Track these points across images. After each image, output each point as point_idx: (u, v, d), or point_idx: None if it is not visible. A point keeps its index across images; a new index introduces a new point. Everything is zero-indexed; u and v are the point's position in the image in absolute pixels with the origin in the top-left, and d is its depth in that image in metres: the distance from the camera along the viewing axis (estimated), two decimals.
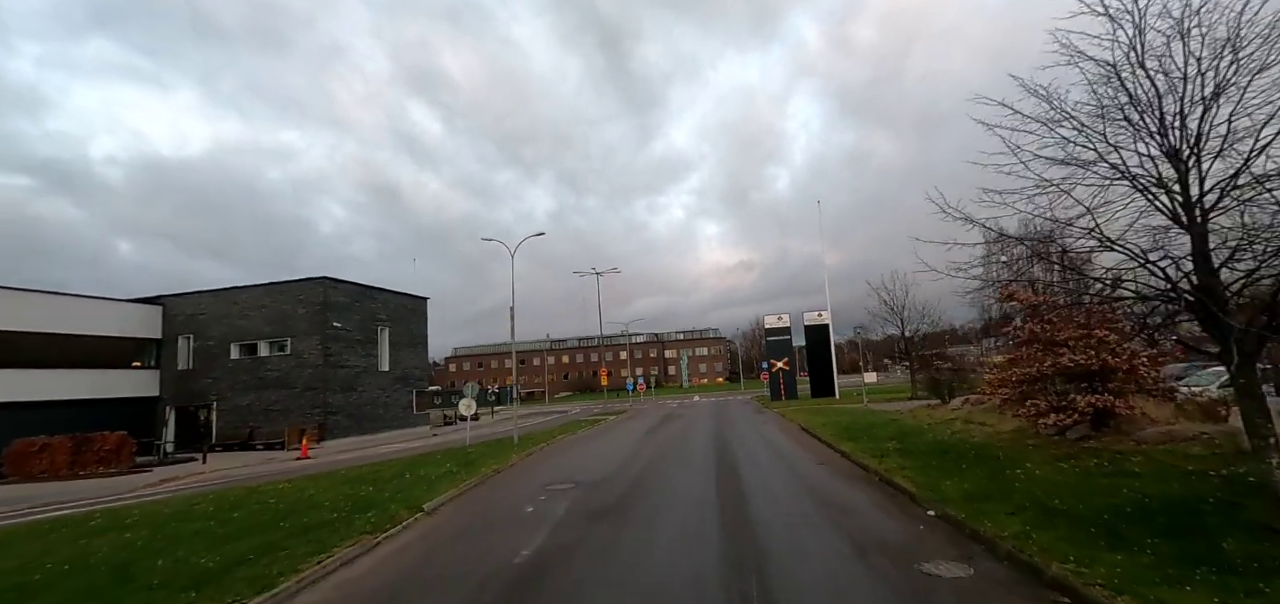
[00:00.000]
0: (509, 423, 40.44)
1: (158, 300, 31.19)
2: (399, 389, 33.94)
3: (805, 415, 25.29)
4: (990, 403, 17.58)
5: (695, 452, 16.33)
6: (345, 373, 29.77)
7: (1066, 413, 10.62)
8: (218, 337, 30.07)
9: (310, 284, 29.30)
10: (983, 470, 9.82)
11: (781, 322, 42.69)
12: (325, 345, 28.60)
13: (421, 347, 37.06)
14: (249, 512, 10.72)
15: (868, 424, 18.88)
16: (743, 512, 8.84)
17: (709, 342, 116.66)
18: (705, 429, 23.06)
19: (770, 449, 16.06)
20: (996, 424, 14.65)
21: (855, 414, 23.61)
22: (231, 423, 29.01)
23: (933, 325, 31.38)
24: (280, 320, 29.26)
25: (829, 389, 39.58)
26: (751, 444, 17.36)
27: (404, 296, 35.81)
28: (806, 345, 42.10)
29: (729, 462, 13.98)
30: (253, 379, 29.16)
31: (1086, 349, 10.51)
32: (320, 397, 28.03)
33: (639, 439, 20.76)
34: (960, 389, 20.42)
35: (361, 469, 16.15)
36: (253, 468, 21.35)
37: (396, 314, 34.53)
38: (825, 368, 40.55)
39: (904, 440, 14.34)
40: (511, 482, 13.19)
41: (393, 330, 33.95)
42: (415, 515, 9.69)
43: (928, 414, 19.44)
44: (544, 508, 9.93)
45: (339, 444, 27.60)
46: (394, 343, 33.97)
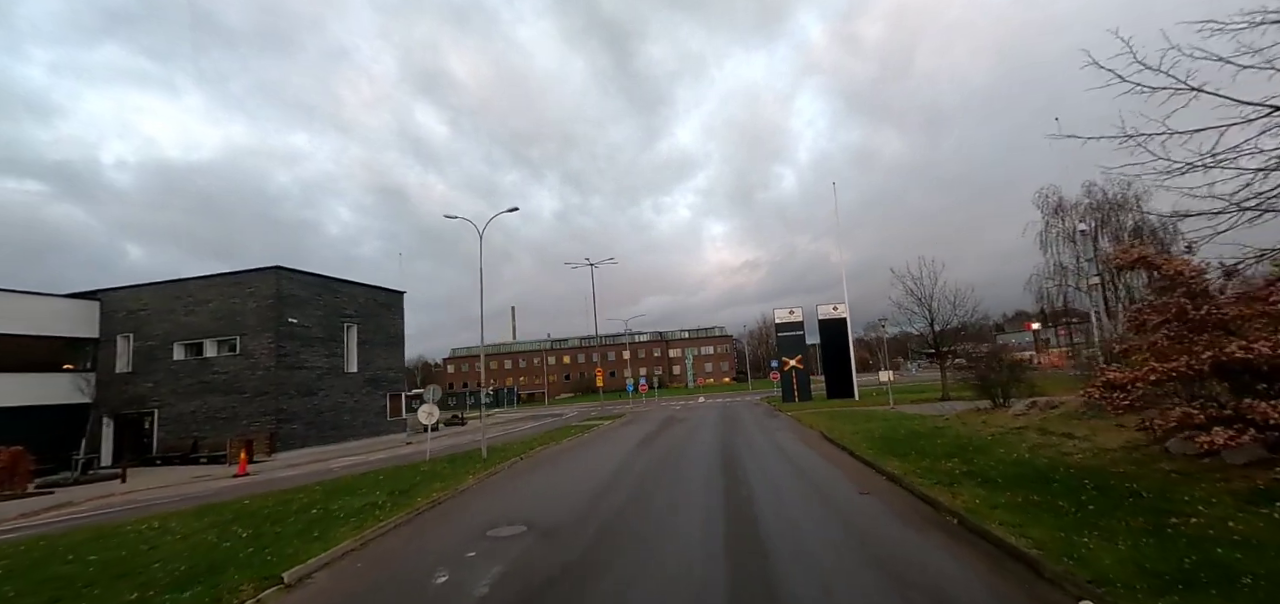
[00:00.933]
0: (500, 427, 37.17)
1: (95, 295, 28.09)
2: (370, 393, 30.74)
3: (826, 420, 21.93)
4: (1066, 406, 14.19)
5: (696, 473, 13.01)
6: (304, 375, 26.59)
7: (1238, 427, 7.20)
8: (160, 335, 26.95)
9: (261, 274, 26.11)
10: (1134, 516, 6.46)
11: (793, 316, 39.28)
12: (279, 344, 25.42)
13: (397, 346, 33.83)
14: (39, 579, 7.50)
15: (908, 433, 15.51)
16: (767, 590, 5.54)
17: (715, 340, 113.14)
18: (709, 439, 19.74)
19: (792, 469, 12.72)
20: (1093, 436, 11.25)
21: (886, 419, 20.22)
22: (175, 432, 25.88)
23: (967, 316, 27.99)
24: (229, 316, 26.11)
25: (847, 389, 36.16)
26: (766, 460, 14.01)
27: (376, 290, 32.60)
28: (821, 341, 38.69)
29: (739, 490, 10.66)
30: (197, 383, 26.01)
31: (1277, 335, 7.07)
32: (272, 402, 24.84)
33: (629, 452, 17.46)
34: (1017, 390, 17.04)
35: (270, 497, 12.91)
36: (174, 488, 18.18)
37: (367, 310, 31.33)
38: (842, 366, 37.11)
39: (969, 458, 10.99)
40: (445, 522, 9.90)
41: (362, 327, 30.75)
42: (263, 593, 6.41)
43: (981, 420, 16.04)
44: (466, 575, 6.66)
45: (293, 456, 24.43)
46: (364, 341, 30.77)
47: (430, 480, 13.68)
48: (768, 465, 13.25)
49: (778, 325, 39.40)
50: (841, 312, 37.91)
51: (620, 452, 17.78)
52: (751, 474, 12.21)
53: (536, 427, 34.02)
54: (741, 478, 11.81)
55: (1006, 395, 17.22)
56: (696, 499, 10.12)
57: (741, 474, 12.26)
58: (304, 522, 9.79)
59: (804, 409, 29.96)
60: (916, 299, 29.12)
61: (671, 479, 12.37)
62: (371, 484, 13.76)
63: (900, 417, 21.05)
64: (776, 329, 39.60)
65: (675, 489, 11.22)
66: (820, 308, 38.39)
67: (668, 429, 24.77)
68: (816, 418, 23.78)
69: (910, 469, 10.69)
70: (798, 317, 39.20)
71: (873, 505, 8.86)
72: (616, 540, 7.88)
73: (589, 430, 26.45)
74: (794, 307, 39.54)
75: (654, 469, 13.88)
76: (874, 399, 33.23)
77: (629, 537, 8.03)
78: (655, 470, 13.67)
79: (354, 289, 31.05)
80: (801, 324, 38.99)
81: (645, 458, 16.02)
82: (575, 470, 14.86)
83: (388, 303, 33.37)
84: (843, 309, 37.91)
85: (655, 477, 12.81)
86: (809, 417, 24.85)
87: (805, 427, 21.57)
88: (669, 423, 28.30)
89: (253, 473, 20.69)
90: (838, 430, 17.96)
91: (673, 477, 12.65)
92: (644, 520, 8.92)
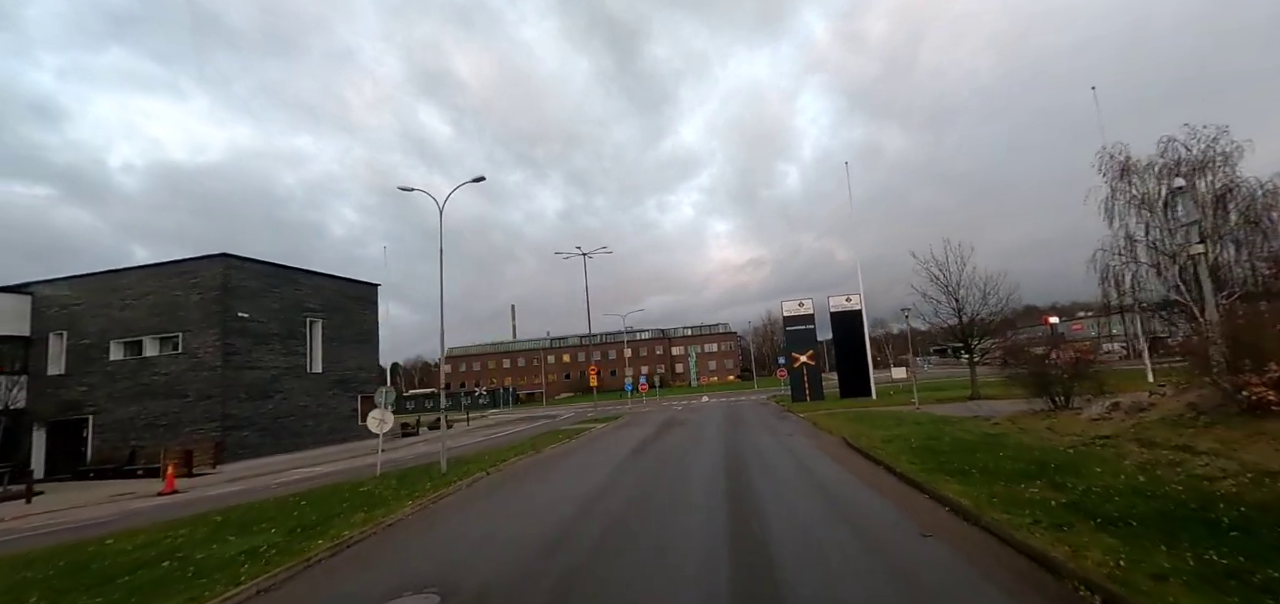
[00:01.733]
0: (487, 431, 34.22)
1: (25, 288, 25.48)
2: (337, 395, 28.10)
3: (846, 423, 19.12)
4: (1162, 408, 11.32)
5: (694, 496, 10.26)
6: (256, 376, 23.94)
7: None
8: (96, 332, 24.34)
9: (206, 263, 23.46)
10: None
11: (803, 308, 36.39)
12: (227, 341, 22.77)
13: (370, 343, 31.19)
14: None
15: (954, 442, 12.70)
16: None
17: (719, 337, 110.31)
18: (712, 447, 16.98)
19: (818, 491, 9.93)
20: (1230, 452, 8.40)
21: (917, 422, 17.40)
22: (112, 441, 23.27)
23: (1000, 305, 25.04)
24: (170, 310, 23.47)
25: (862, 387, 33.29)
26: (783, 478, 11.23)
27: (346, 283, 29.96)
28: (833, 336, 35.79)
29: (751, 526, 7.89)
30: (136, 385, 23.40)
31: None
32: (218, 407, 22.20)
33: (617, 466, 14.72)
34: (1083, 387, 14.20)
35: (141, 534, 10.19)
36: (70, 514, 15.49)
37: (333, 303, 28.66)
38: (857, 362, 34.23)
39: (1059, 482, 8.22)
40: (330, 583, 7.14)
41: (329, 323, 28.10)
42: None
43: (1044, 426, 13.19)
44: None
45: (241, 468, 21.77)
46: (330, 338, 28.12)
47: (358, 508, 10.93)
48: (786, 486, 10.46)
49: (786, 319, 36.53)
50: (855, 303, 35.05)
51: (606, 465, 15.03)
52: (766, 499, 9.43)
53: (524, 431, 31.33)
54: (754, 505, 9.03)
55: (1067, 394, 14.38)
56: (694, 541, 7.34)
57: (753, 499, 9.48)
58: (136, 584, 7.06)
59: (817, 409, 27.18)
60: (941, 286, 26.23)
61: (662, 508, 9.59)
62: (282, 513, 11.06)
63: (933, 419, 18.23)
64: (785, 323, 36.74)
65: (665, 525, 8.44)
66: (832, 299, 35.54)
67: (666, 434, 22.00)
68: (833, 420, 20.99)
69: (980, 496, 7.91)
70: (808, 309, 36.33)
71: (946, 559, 6.06)
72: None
73: (578, 436, 23.71)
74: (803, 299, 36.69)
75: (642, 491, 11.11)
76: (893, 398, 30.40)
77: None
78: (644, 493, 10.89)
79: (319, 281, 28.40)
80: (812, 317, 36.12)
81: (635, 474, 13.25)
82: (544, 492, 12.11)
83: (359, 296, 30.75)
84: (857, 300, 35.05)
85: (642, 503, 10.04)
86: (824, 418, 22.06)
87: (822, 431, 18.78)
88: (668, 426, 25.55)
89: (183, 490, 18.01)
90: (864, 436, 15.16)
91: (664, 505, 9.87)
92: (617, 581, 6.14)
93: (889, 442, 13.80)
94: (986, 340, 25.61)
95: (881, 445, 13.46)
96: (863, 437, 15.26)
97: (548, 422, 39.50)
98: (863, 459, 12.78)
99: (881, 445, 13.46)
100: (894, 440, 13.94)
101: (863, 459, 12.78)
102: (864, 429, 17.02)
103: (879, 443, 13.82)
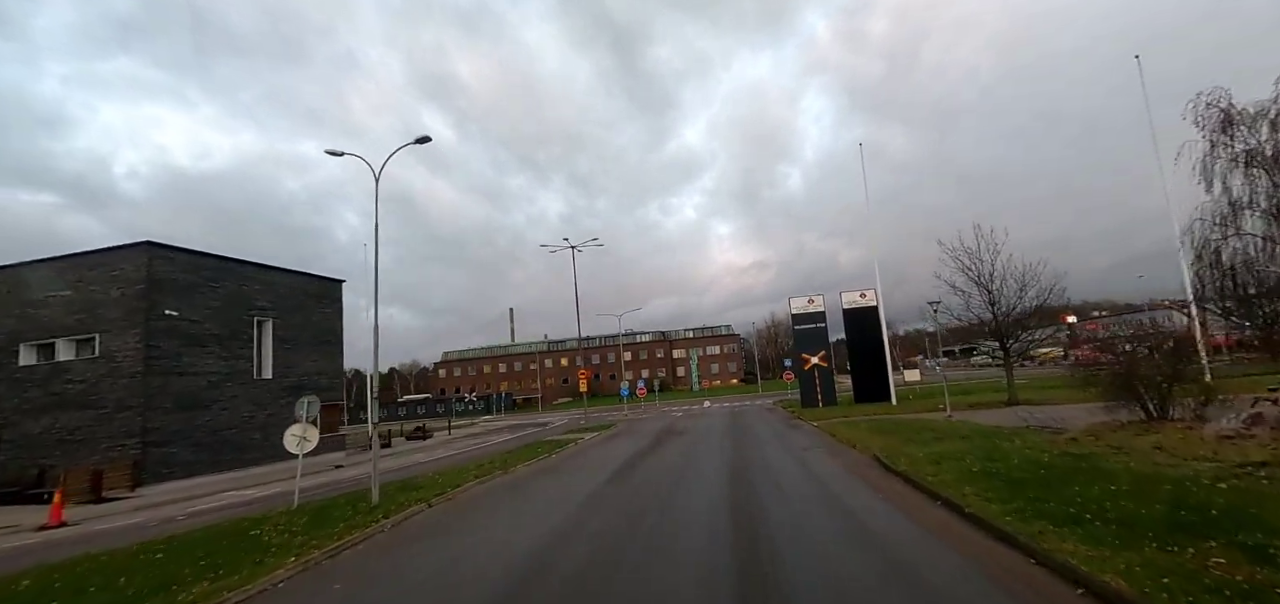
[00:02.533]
0: (466, 441, 30.62)
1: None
2: (291, 404, 25.14)
3: (873, 436, 16.08)
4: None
5: (684, 556, 7.24)
6: (187, 383, 20.99)
7: None
8: (4, 334, 21.40)
9: (128, 253, 20.53)
10: None
11: (813, 306, 33.31)
12: (150, 343, 19.83)
13: (333, 345, 28.23)
14: None
15: (1035, 468, 9.63)
16: None
17: (721, 339, 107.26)
18: (713, 468, 13.97)
19: (865, 545, 6.93)
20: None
21: (966, 436, 14.32)
22: (19, 459, 20.29)
23: (1042, 297, 21.92)
24: (88, 308, 20.55)
25: (881, 392, 30.22)
26: (813, 522, 8.22)
27: (303, 277, 27.03)
28: (847, 336, 32.72)
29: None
30: (47, 395, 20.47)
31: None
32: (137, 420, 19.23)
33: (593, 494, 11.75)
34: (1186, 391, 11.12)
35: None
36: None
37: (288, 301, 25.74)
38: (874, 363, 31.15)
39: (1258, 545, 5.17)
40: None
41: (282, 323, 25.18)
42: None
43: (1151, 444, 10.12)
44: None
45: (164, 491, 18.79)
46: (284, 340, 25.21)
47: (219, 565, 7.93)
48: (817, 534, 7.43)
49: (795, 317, 33.43)
50: (871, 298, 32.00)
51: (580, 492, 12.05)
52: (788, 554, 6.40)
53: (503, 443, 28.35)
54: (774, 569, 5.99)
55: (1164, 401, 11.31)
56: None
57: (773, 556, 6.44)
58: None
59: (831, 416, 24.13)
60: (973, 278, 23.17)
61: (641, 568, 6.57)
62: (129, 567, 8.09)
63: (979, 431, 15.17)
64: (793, 321, 33.63)
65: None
66: (845, 295, 32.48)
67: (660, 448, 19.01)
68: (855, 431, 17.97)
69: (1138, 572, 4.90)
70: (818, 306, 33.24)
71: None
72: None
73: (559, 450, 20.71)
74: (813, 296, 33.62)
75: (617, 539, 8.09)
76: (914, 403, 27.36)
77: None
78: (615, 545, 7.86)
79: (271, 275, 25.46)
80: (823, 315, 33.03)
81: (612, 507, 10.26)
82: (486, 537, 9.13)
83: (321, 293, 27.81)
84: (873, 296, 31.99)
85: (609, 565, 7.00)
86: (843, 428, 19.04)
87: (845, 445, 15.77)
88: (664, 437, 22.55)
89: (75, 522, 15.05)
90: (902, 455, 12.13)
91: (642, 563, 6.85)
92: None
93: (938, 464, 10.77)
94: (1023, 336, 22.53)
95: (929, 469, 10.45)
96: (900, 455, 12.23)
97: (537, 430, 36.52)
98: (910, 488, 9.77)
99: (929, 469, 10.45)
100: (944, 461, 10.91)
101: (910, 488, 9.77)
102: (897, 443, 14.00)
103: (925, 465, 10.79)
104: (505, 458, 19.08)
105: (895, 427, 17.95)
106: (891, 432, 16.74)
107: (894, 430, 16.93)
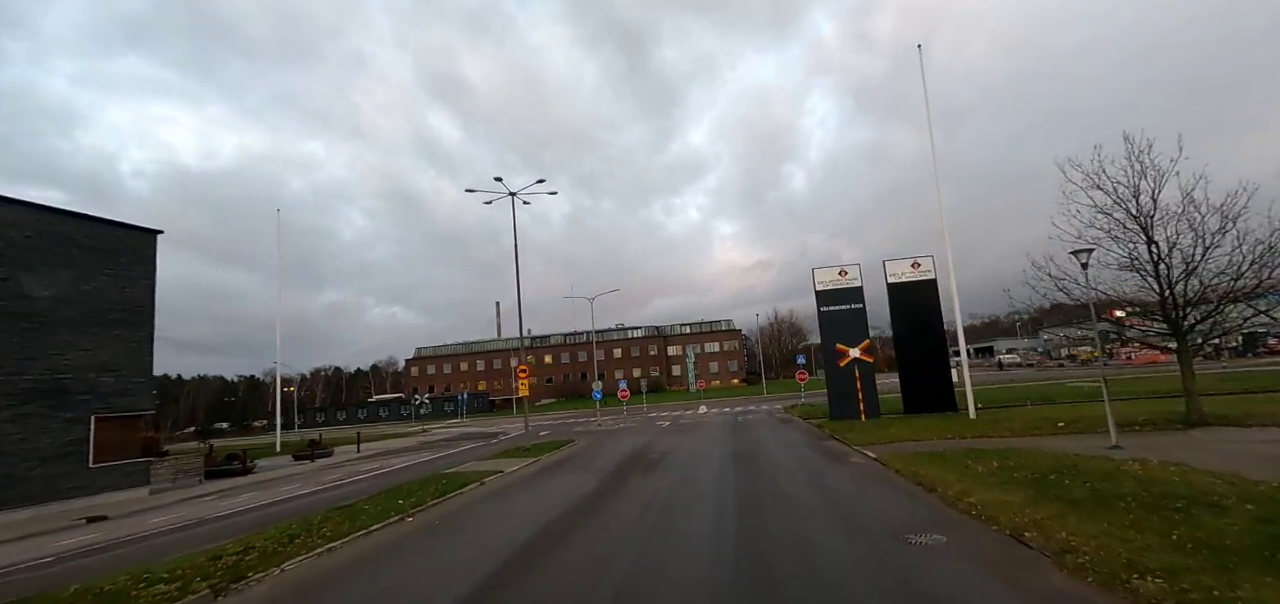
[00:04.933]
0: (368, 464, 18.84)
1: None
2: (43, 419, 16.83)
3: (1022, 496, 7.75)
4: None
5: None
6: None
7: None
8: None
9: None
10: None
11: (846, 279, 24.95)
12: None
13: (135, 327, 19.52)
14: None
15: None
16: None
17: (721, 335, 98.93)
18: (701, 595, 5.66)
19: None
20: None
21: (1225, 508, 6.04)
22: None
23: (1253, 256, 13.38)
24: None
25: (941, 399, 22.01)
26: None
27: (71, 220, 18.55)
28: (894, 322, 24.41)
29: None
30: None
31: None
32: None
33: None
34: None
35: None
36: None
37: (39, 256, 17.42)
38: (932, 360, 22.88)
39: None
40: None
41: (24, 288, 16.92)
42: None
43: None
44: None
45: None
46: (36, 317, 16.96)
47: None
48: None
49: (820, 295, 24.94)
50: (926, 269, 23.75)
51: None
52: None
53: (381, 478, 20.21)
54: None
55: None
56: None
57: None
58: None
59: (885, 436, 15.88)
60: (1127, 217, 14.63)
61: None
62: None
63: (1253, 493, 6.91)
64: (818, 300, 25.08)
65: None
66: (890, 265, 24.21)
67: (613, 498, 10.74)
68: (961, 475, 9.73)
69: None
70: (853, 279, 24.87)
71: None
72: None
73: (445, 498, 12.48)
74: (845, 265, 25.24)
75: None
76: (1009, 420, 19.20)
77: None
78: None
79: (15, 211, 17.19)
80: (860, 291, 24.64)
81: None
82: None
83: (112, 248, 19.22)
84: (929, 267, 23.74)
85: None
86: (931, 468, 10.81)
87: (964, 512, 7.50)
88: (629, 470, 14.36)
89: None
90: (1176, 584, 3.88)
91: None
92: None
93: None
94: (1218, 314, 14.16)
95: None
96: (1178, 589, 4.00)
97: (473, 447, 28.26)
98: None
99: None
100: None
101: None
102: (1100, 526, 5.80)
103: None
104: (320, 521, 10.84)
105: (1040, 470, 9.70)
106: (1047, 486, 8.51)
107: (1050, 484, 8.69)
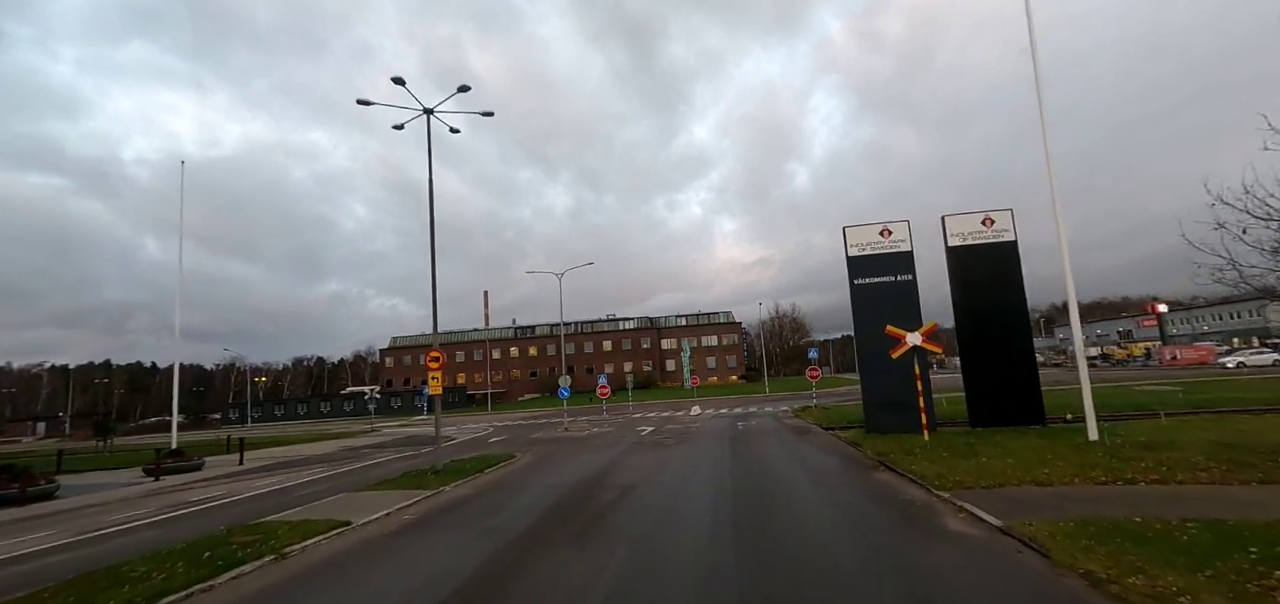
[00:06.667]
0: (168, 498, 13.22)
1: None
2: None
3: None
4: None
5: None
6: None
7: None
8: None
9: None
10: None
11: (889, 240, 18.53)
12: None
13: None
14: None
15: None
16: None
17: (720, 328, 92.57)
18: None
19: None
20: None
21: None
22: None
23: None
24: None
25: (1026, 409, 15.69)
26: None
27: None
28: (955, 297, 17.88)
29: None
30: None
31: None
32: None
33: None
34: None
35: None
36: None
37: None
38: (1013, 355, 16.43)
39: None
40: None
41: None
42: None
43: None
44: None
45: None
46: None
47: None
48: None
49: (852, 262, 18.50)
50: (1002, 227, 17.33)
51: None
52: None
53: (331, 479, 13.75)
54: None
55: None
56: None
57: None
58: None
59: (971, 465, 9.57)
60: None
61: None
62: None
63: None
64: (851, 269, 18.53)
65: None
66: (950, 221, 17.78)
67: None
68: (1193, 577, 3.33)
69: None
70: (900, 240, 18.40)
71: None
72: None
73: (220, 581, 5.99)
74: (887, 225, 18.76)
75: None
76: (1157, 451, 12.90)
77: None
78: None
79: None
80: (909, 257, 18.20)
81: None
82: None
83: None
84: (1005, 222, 17.31)
85: None
86: (1134, 550, 4.45)
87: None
88: (560, 524, 7.89)
89: None
90: None
91: None
92: None
93: None
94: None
95: None
96: None
97: (409, 456, 21.82)
98: None
99: None
100: None
101: None
102: None
103: None
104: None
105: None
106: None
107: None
